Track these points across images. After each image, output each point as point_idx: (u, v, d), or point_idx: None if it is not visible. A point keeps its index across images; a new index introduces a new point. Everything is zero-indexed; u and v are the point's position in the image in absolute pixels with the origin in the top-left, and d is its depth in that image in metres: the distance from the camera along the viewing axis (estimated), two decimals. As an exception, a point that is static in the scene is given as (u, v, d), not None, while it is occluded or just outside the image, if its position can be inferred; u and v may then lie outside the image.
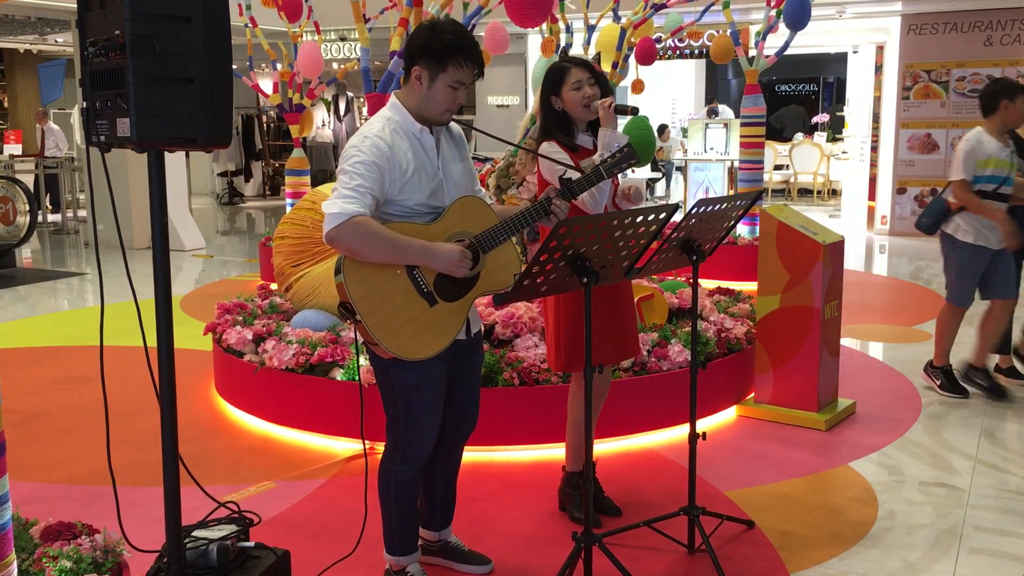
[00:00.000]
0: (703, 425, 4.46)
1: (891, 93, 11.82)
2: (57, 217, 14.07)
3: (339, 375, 4.34)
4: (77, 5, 2.35)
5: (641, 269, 2.93)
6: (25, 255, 10.94)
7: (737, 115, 11.72)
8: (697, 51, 14.14)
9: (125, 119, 2.18)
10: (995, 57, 11.18)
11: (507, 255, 2.80)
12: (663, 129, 14.16)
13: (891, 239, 11.57)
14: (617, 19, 7.79)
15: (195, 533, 2.56)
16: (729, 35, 8.50)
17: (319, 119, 18.16)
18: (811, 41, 11.69)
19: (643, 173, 14.82)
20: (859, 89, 13.49)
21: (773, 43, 8.52)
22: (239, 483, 3.95)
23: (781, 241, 4.53)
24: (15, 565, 2.01)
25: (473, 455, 4.02)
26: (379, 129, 2.67)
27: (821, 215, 13.55)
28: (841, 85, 18.52)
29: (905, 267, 9.60)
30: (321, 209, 2.63)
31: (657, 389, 4.40)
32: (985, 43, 11.20)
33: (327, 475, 4.03)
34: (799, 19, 7.95)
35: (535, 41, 13.33)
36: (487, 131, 3.15)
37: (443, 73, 2.65)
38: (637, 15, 7.46)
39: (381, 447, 2.94)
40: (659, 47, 8.28)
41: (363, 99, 17.00)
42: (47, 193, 14.05)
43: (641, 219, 2.67)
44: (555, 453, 4.12)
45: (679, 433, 4.40)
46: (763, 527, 3.47)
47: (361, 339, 2.69)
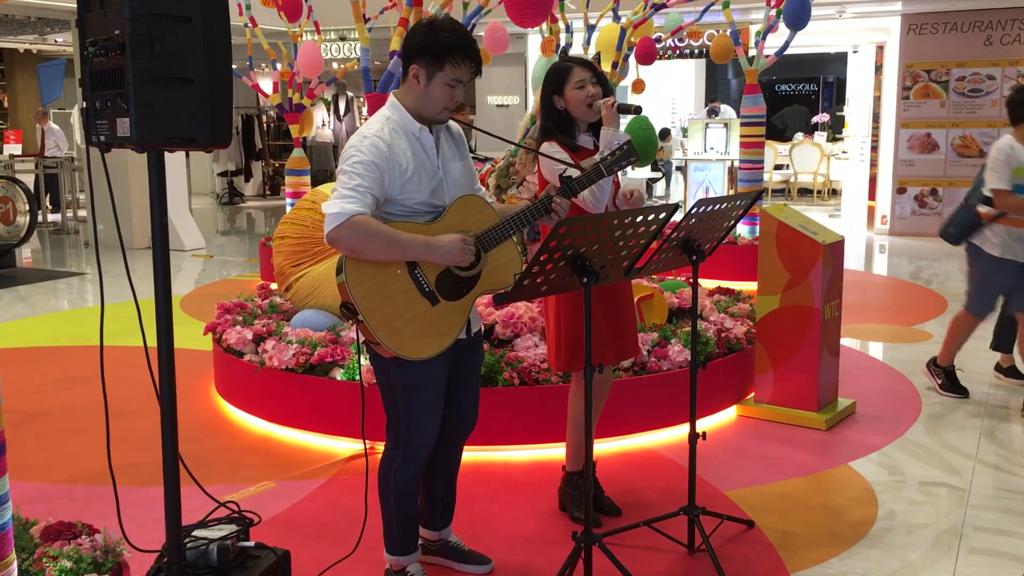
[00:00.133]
0: (703, 425, 4.46)
1: (891, 93, 11.82)
2: (57, 217, 14.07)
3: (339, 375, 4.34)
4: (77, 5, 2.35)
5: (641, 269, 2.93)
6: (25, 255, 10.94)
7: (738, 115, 11.73)
8: (697, 51, 14.14)
9: (125, 119, 2.18)
10: (995, 57, 11.18)
11: (508, 254, 2.80)
12: (666, 133, 14.13)
13: (891, 239, 11.57)
14: (617, 19, 7.79)
15: (195, 533, 2.56)
16: (729, 35, 8.50)
17: (319, 119, 18.16)
18: (811, 41, 11.69)
19: (643, 173, 14.82)
20: (859, 89, 13.49)
21: (773, 43, 8.52)
22: (239, 483, 3.95)
23: (781, 241, 4.53)
24: (15, 565, 2.01)
25: (473, 455, 4.02)
26: (378, 129, 2.67)
27: (821, 215, 13.55)
28: (841, 85, 18.52)
29: (905, 267, 9.60)
30: (321, 209, 2.63)
31: (657, 389, 4.40)
32: (985, 43, 11.20)
33: (327, 475, 4.03)
34: (799, 19, 7.95)
35: (535, 41, 13.33)
36: (487, 131, 3.15)
37: (440, 71, 2.65)
38: (637, 15, 7.46)
39: (381, 447, 2.94)
40: (659, 47, 8.29)
41: (363, 99, 17.00)
42: (47, 193, 14.05)
43: (641, 219, 2.68)
44: (555, 453, 4.12)
45: (679, 433, 4.40)
46: (763, 527, 3.47)
47: (362, 339, 2.69)
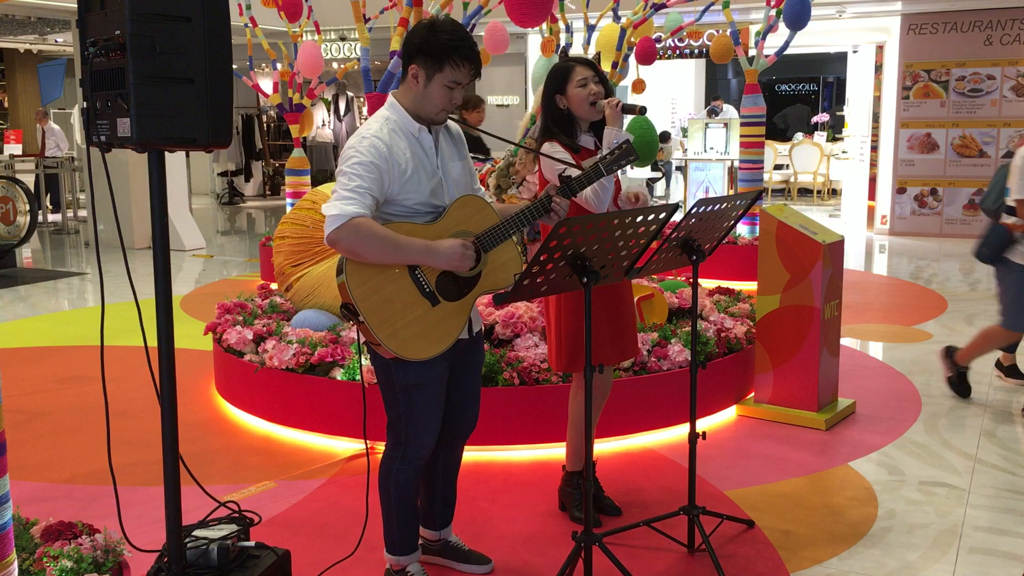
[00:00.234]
0: (703, 425, 4.46)
1: (891, 93, 11.82)
2: (57, 217, 14.07)
3: (339, 375, 4.35)
4: (77, 5, 2.35)
5: (641, 269, 2.93)
6: (25, 255, 10.94)
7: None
8: (697, 51, 14.14)
9: (125, 119, 2.18)
10: (995, 57, 11.18)
11: (508, 254, 2.81)
12: (666, 137, 14.13)
13: (891, 239, 11.57)
14: (617, 19, 7.80)
15: (195, 533, 2.56)
16: (729, 35, 8.50)
17: (319, 119, 18.17)
18: (811, 41, 11.69)
19: (643, 173, 14.82)
20: (859, 89, 13.49)
21: (773, 43, 8.52)
22: (239, 483, 3.96)
23: (781, 241, 4.53)
24: (16, 565, 2.01)
25: (473, 455, 4.02)
26: (377, 129, 2.67)
27: (821, 215, 13.55)
28: (841, 85, 18.52)
29: (905, 267, 9.60)
30: (321, 210, 2.63)
31: (657, 389, 4.41)
32: (985, 43, 11.20)
33: (327, 475, 4.03)
34: (799, 19, 7.95)
35: (535, 41, 13.33)
36: (487, 131, 3.15)
37: (439, 73, 2.65)
38: (637, 15, 7.46)
39: (381, 447, 2.94)
40: (659, 47, 8.29)
41: (363, 99, 17.02)
42: (47, 193, 14.05)
43: (641, 219, 2.68)
44: (555, 453, 4.12)
45: (679, 433, 4.40)
46: (763, 527, 3.47)
47: (363, 339, 2.69)
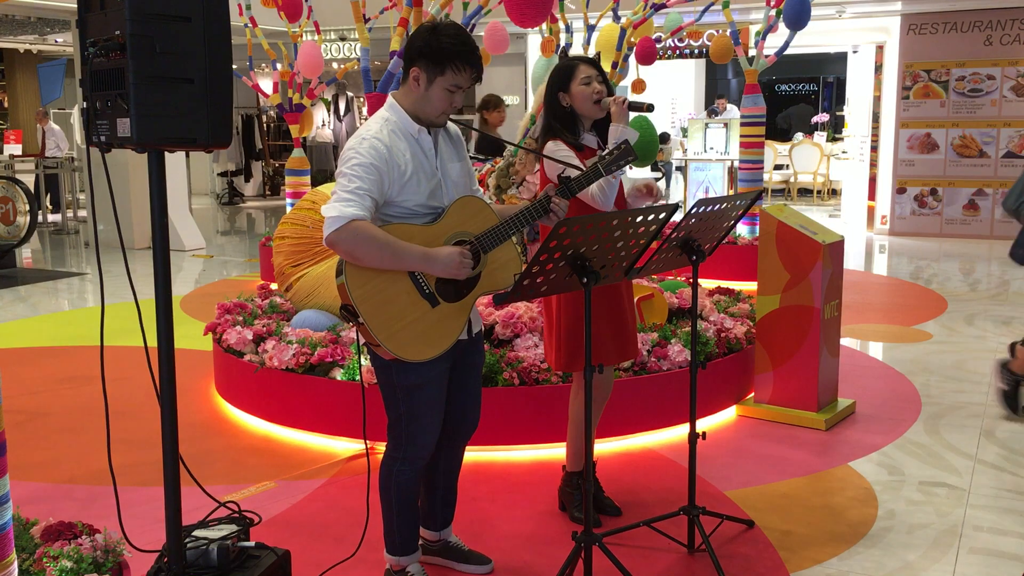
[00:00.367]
0: (703, 425, 4.46)
1: (891, 93, 11.82)
2: (57, 217, 14.07)
3: (339, 375, 4.35)
4: (77, 5, 2.35)
5: (641, 269, 2.93)
6: (25, 255, 10.94)
7: (741, 115, 11.75)
8: (697, 51, 14.14)
9: (125, 119, 2.18)
10: (995, 57, 11.18)
11: (508, 254, 2.81)
12: (666, 138, 14.14)
13: (891, 239, 11.57)
14: (617, 19, 7.79)
15: (195, 533, 2.56)
16: (729, 35, 8.50)
17: (319, 119, 18.18)
18: (811, 41, 11.69)
19: (643, 173, 14.82)
20: (859, 89, 13.49)
21: (773, 43, 8.52)
22: (239, 483, 3.96)
23: (781, 241, 4.53)
24: (16, 565, 2.01)
25: (473, 455, 4.02)
26: (377, 130, 2.67)
27: (821, 215, 13.55)
28: (841, 85, 18.53)
29: (905, 267, 9.60)
30: (320, 212, 2.63)
31: (657, 389, 4.40)
32: (985, 43, 11.20)
33: (327, 475, 4.03)
34: (799, 19, 7.95)
35: (535, 41, 13.33)
36: (487, 132, 3.14)
37: (441, 76, 2.65)
38: (637, 15, 7.46)
39: (381, 447, 2.94)
40: (659, 47, 8.29)
41: (363, 99, 17.02)
42: (47, 193, 14.05)
43: (641, 219, 2.68)
44: (555, 453, 4.12)
45: (679, 433, 4.40)
46: (763, 527, 3.47)
47: (363, 340, 2.69)
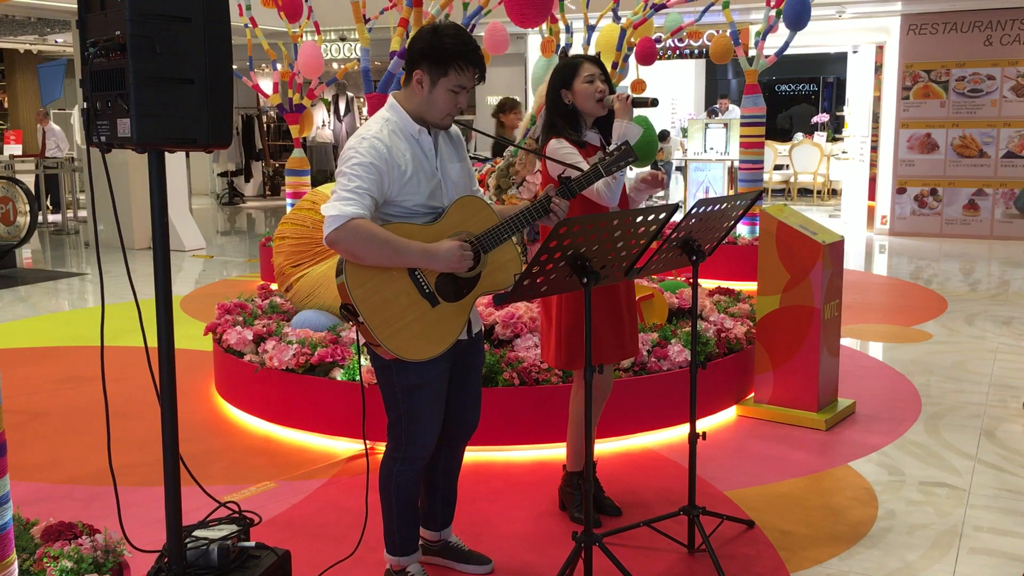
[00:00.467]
0: (703, 425, 4.46)
1: (891, 93, 11.82)
2: (57, 217, 14.07)
3: (339, 375, 4.35)
4: (77, 5, 2.35)
5: (641, 269, 2.93)
6: (25, 255, 10.94)
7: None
8: (697, 51, 14.14)
9: (126, 119, 2.18)
10: (995, 57, 11.18)
11: (507, 255, 2.81)
12: (665, 136, 14.15)
13: (891, 239, 11.57)
14: (617, 19, 7.79)
15: (196, 533, 2.56)
16: (729, 35, 8.50)
17: (319, 119, 18.17)
18: (811, 41, 11.69)
19: (643, 171, 14.78)
20: (859, 89, 13.48)
21: (773, 43, 8.52)
22: (239, 483, 3.96)
23: (781, 241, 4.53)
24: (16, 565, 2.01)
25: (473, 455, 4.02)
26: (377, 130, 2.67)
27: (821, 215, 13.56)
28: (841, 85, 18.53)
29: (905, 267, 9.60)
30: (320, 211, 2.63)
31: (657, 389, 4.40)
32: (985, 43, 11.20)
33: (327, 475, 4.03)
34: (799, 19, 7.95)
35: (535, 41, 13.33)
36: (487, 132, 3.15)
37: (444, 77, 2.66)
38: (637, 15, 7.46)
39: (381, 447, 2.94)
40: (659, 47, 8.29)
41: (363, 99, 17.02)
42: (47, 194, 14.05)
43: (641, 219, 2.68)
44: (555, 453, 4.12)
45: (679, 433, 4.40)
46: (763, 527, 3.47)
47: (363, 340, 2.69)
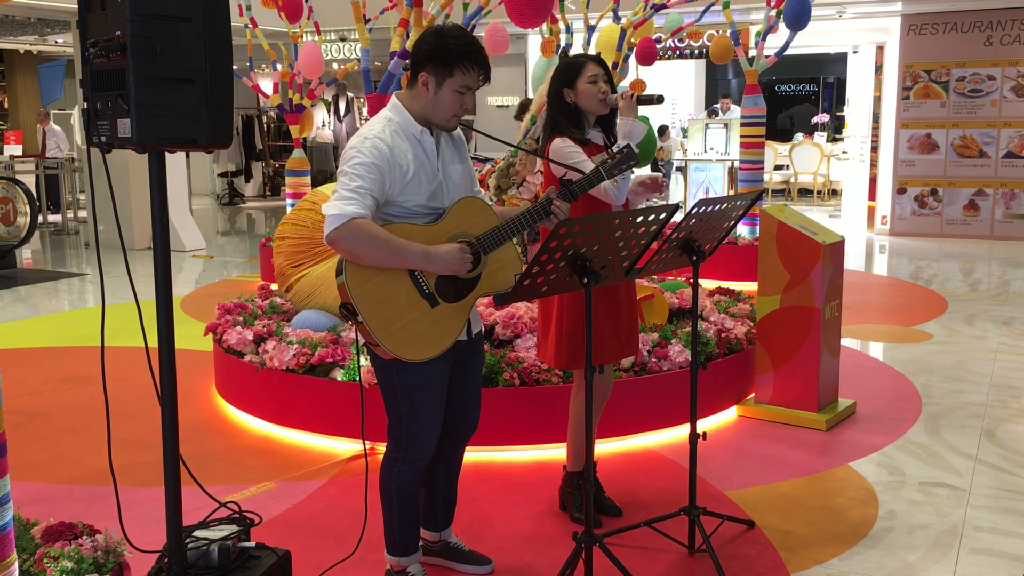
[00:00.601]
0: (703, 425, 4.46)
1: (891, 93, 11.82)
2: (58, 218, 14.07)
3: (339, 375, 4.35)
4: (78, 6, 2.36)
5: (641, 269, 2.93)
6: (26, 256, 10.94)
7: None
8: (697, 51, 14.14)
9: (126, 120, 2.18)
10: (995, 57, 11.18)
11: (508, 255, 2.81)
12: (664, 130, 14.20)
13: (891, 239, 11.57)
14: (617, 19, 7.80)
15: (196, 533, 2.56)
16: (729, 35, 8.50)
17: (319, 119, 18.18)
18: (811, 41, 11.69)
19: (643, 173, 14.81)
20: (859, 89, 13.49)
21: (773, 43, 8.52)
22: (240, 483, 3.96)
23: (781, 241, 4.53)
24: (16, 565, 2.01)
25: (474, 455, 4.02)
26: (379, 130, 2.67)
27: (821, 215, 13.56)
28: (841, 85, 18.53)
29: (905, 267, 9.60)
30: (321, 211, 2.63)
31: (657, 389, 4.41)
32: (985, 43, 11.20)
33: (328, 475, 4.03)
34: (799, 19, 7.95)
35: (535, 41, 13.33)
36: (487, 132, 3.15)
37: (450, 78, 2.66)
38: (637, 15, 7.46)
39: (381, 447, 2.94)
40: (659, 47, 8.29)
41: (363, 99, 17.02)
42: (47, 194, 14.04)
43: (641, 219, 2.68)
44: (555, 453, 4.12)
45: (679, 433, 4.40)
46: (763, 527, 3.47)
47: (362, 340, 2.69)
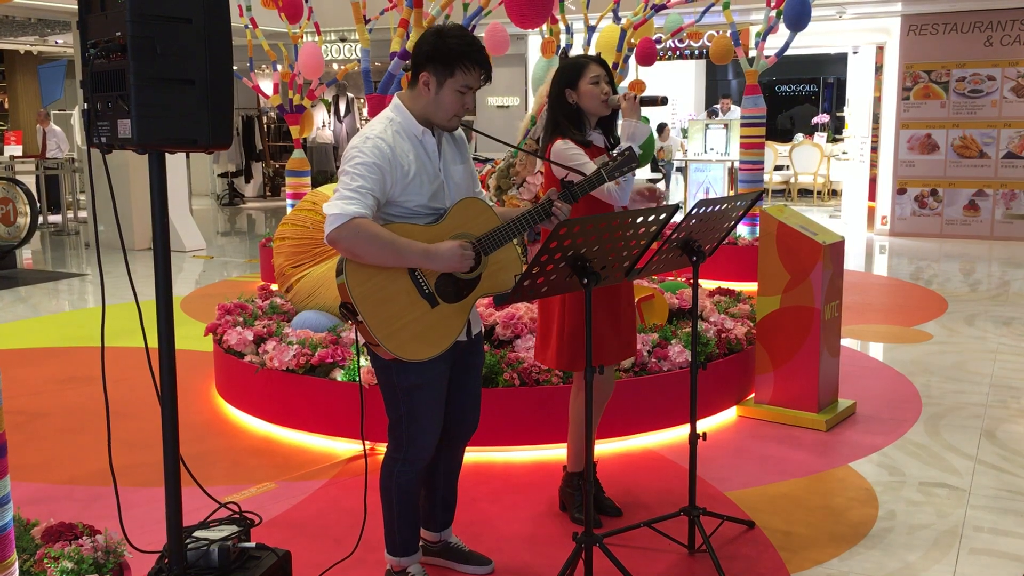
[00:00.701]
0: (703, 425, 4.46)
1: (891, 93, 11.82)
2: (58, 218, 14.07)
3: (339, 376, 4.35)
4: (78, 6, 2.36)
5: (641, 270, 2.93)
6: (26, 256, 10.95)
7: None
8: (697, 52, 14.14)
9: (126, 120, 2.19)
10: (995, 57, 11.18)
11: (508, 256, 2.81)
12: (662, 128, 14.22)
13: (891, 239, 11.57)
14: (617, 20, 7.80)
15: (196, 534, 2.56)
16: (729, 36, 8.50)
17: (319, 120, 18.18)
18: (811, 42, 11.69)
19: (643, 173, 14.82)
20: (859, 89, 13.49)
21: (773, 43, 8.52)
22: (240, 484, 3.96)
23: (781, 241, 4.54)
24: (16, 566, 2.01)
25: (474, 455, 4.02)
26: (381, 130, 2.68)
27: (821, 215, 13.56)
28: (841, 85, 18.53)
29: (905, 267, 9.60)
30: (322, 210, 2.63)
31: (657, 389, 4.41)
32: (985, 43, 11.20)
33: (328, 476, 4.03)
34: (799, 20, 7.95)
35: (535, 42, 13.34)
36: (487, 132, 3.15)
37: (451, 78, 2.66)
38: (637, 16, 7.46)
39: (381, 448, 2.94)
40: (659, 48, 8.29)
41: (363, 100, 17.02)
42: (47, 194, 14.04)
43: (641, 220, 2.68)
44: (555, 453, 4.12)
45: (679, 433, 4.41)
46: (764, 527, 3.47)
47: (362, 340, 2.69)
